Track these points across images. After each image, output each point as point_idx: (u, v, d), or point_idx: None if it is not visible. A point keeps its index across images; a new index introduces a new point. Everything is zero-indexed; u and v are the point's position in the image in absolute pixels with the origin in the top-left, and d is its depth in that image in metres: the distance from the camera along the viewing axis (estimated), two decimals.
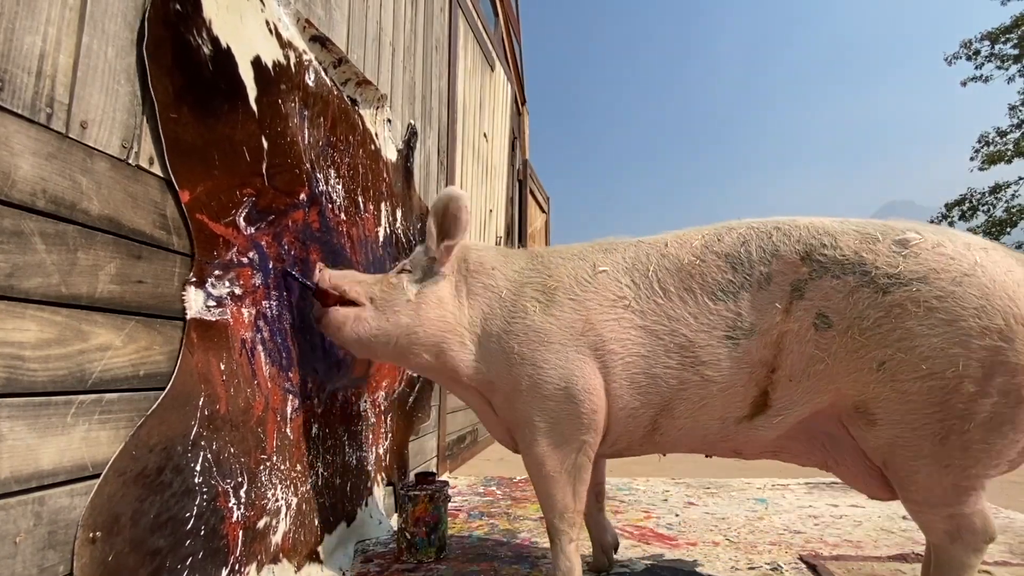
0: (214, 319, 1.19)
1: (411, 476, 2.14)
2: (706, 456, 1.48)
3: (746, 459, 1.46)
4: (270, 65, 1.41)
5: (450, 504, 2.35)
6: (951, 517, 1.17)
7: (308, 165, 1.59)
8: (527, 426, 1.39)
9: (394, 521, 2.08)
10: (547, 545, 1.57)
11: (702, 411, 1.33)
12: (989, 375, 1.10)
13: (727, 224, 1.40)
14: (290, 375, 1.48)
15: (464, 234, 1.48)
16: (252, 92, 1.33)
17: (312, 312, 1.53)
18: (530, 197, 6.90)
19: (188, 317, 1.11)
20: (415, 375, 2.49)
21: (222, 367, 1.20)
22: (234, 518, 1.22)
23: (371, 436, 1.99)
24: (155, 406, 1.02)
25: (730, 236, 1.35)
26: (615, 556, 1.71)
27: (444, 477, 3.05)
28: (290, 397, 1.48)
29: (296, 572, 1.44)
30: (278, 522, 1.39)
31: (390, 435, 2.19)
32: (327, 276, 1.48)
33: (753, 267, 1.29)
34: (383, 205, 2.16)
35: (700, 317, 1.31)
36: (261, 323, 1.36)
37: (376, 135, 2.12)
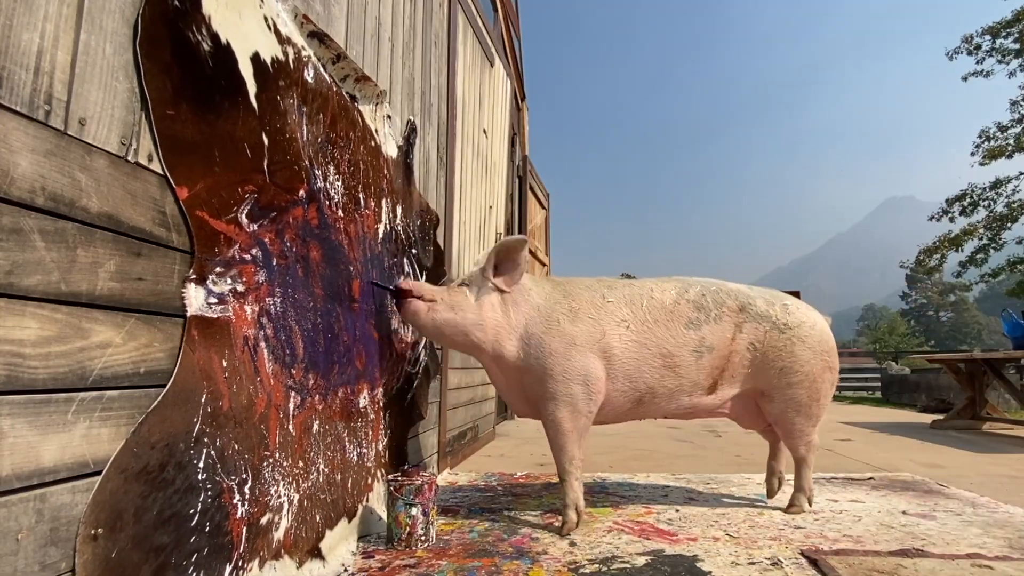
0: (216, 316, 1.19)
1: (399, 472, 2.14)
2: (663, 417, 2.25)
3: (691, 419, 2.32)
4: (269, 61, 1.41)
5: (451, 501, 2.36)
6: (808, 441, 2.24)
7: (307, 162, 1.59)
8: (553, 399, 2.00)
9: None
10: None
11: (677, 393, 2.13)
12: (824, 371, 2.19)
13: (684, 280, 2.23)
14: (292, 372, 1.48)
15: (520, 276, 2.05)
16: (252, 89, 1.32)
17: (397, 305, 2.05)
18: (530, 193, 6.89)
19: (188, 314, 1.11)
20: (413, 372, 2.49)
21: (224, 364, 1.20)
22: (238, 514, 1.22)
23: (371, 432, 1.99)
24: (156, 403, 1.02)
25: (693, 290, 2.18)
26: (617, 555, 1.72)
27: (445, 473, 3.06)
28: (292, 394, 1.48)
29: (298, 568, 1.45)
30: (280, 518, 1.39)
31: (390, 431, 2.19)
32: (408, 283, 2.04)
33: (710, 310, 2.14)
34: (383, 201, 2.15)
35: (677, 338, 2.09)
36: (264, 320, 1.36)
37: (376, 131, 2.11)
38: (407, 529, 1.80)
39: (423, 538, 1.81)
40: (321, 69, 1.70)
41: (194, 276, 1.13)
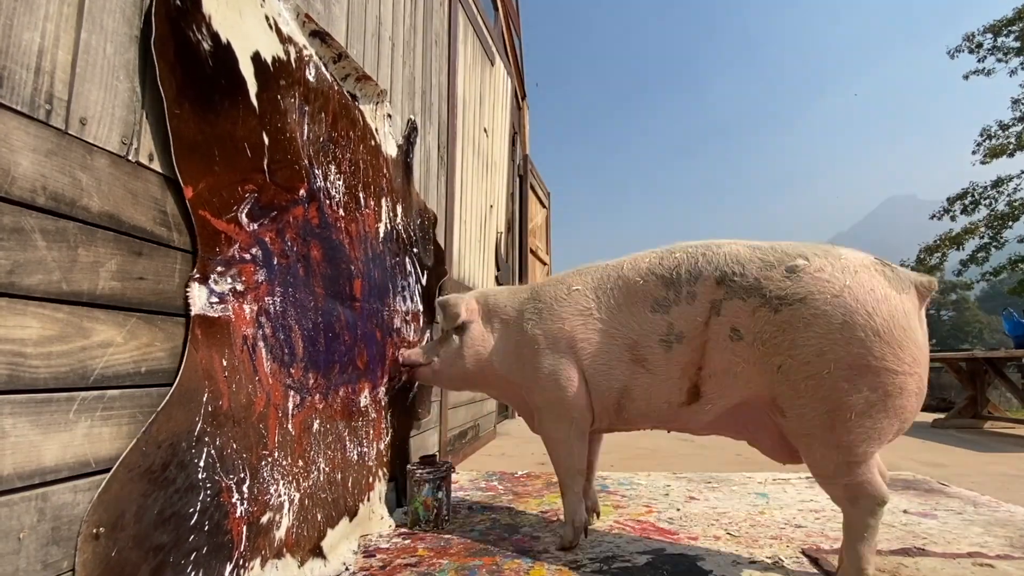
0: (217, 315, 1.19)
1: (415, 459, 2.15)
2: (667, 431, 1.86)
3: (695, 435, 1.84)
4: (270, 61, 1.41)
5: (452, 499, 2.36)
6: (847, 487, 1.43)
7: (307, 161, 1.59)
8: (538, 410, 1.88)
9: (396, 516, 2.12)
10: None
11: (651, 396, 1.69)
12: (857, 375, 1.36)
13: (670, 247, 1.72)
14: (291, 371, 1.48)
15: (458, 319, 2.01)
16: (252, 88, 1.32)
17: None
18: (531, 192, 6.89)
19: (192, 313, 1.11)
20: None
21: (224, 363, 1.21)
22: (238, 513, 1.22)
23: (372, 432, 2.00)
24: (164, 402, 1.03)
25: (669, 260, 1.67)
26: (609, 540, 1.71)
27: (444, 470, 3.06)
28: (291, 393, 1.48)
29: (299, 567, 1.45)
30: (281, 517, 1.39)
31: (391, 431, 2.19)
32: (405, 355, 2.14)
33: (682, 287, 1.61)
34: (383, 201, 2.15)
35: (643, 324, 1.66)
36: (263, 319, 1.37)
37: (376, 131, 2.11)
38: (434, 511, 1.99)
39: (447, 518, 2.04)
40: (322, 68, 1.70)
41: (198, 275, 1.13)
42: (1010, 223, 13.98)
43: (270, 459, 1.36)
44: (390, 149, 2.26)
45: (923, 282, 1.45)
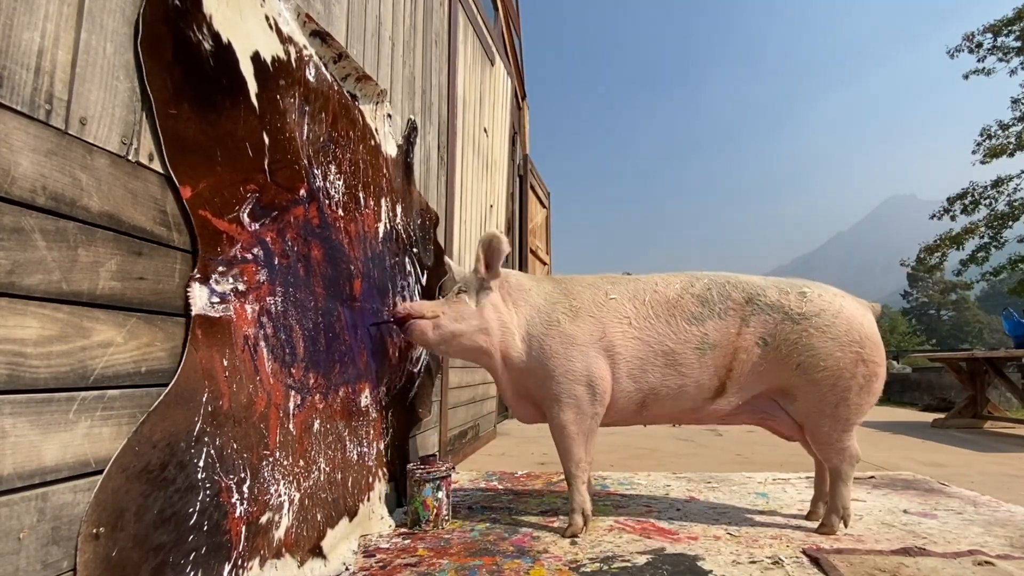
0: (218, 315, 1.19)
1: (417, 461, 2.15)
2: (672, 425, 2.24)
3: (702, 424, 2.16)
4: (270, 61, 1.41)
5: (452, 499, 2.37)
6: (840, 450, 1.96)
7: (307, 161, 1.59)
8: (557, 402, 1.97)
9: (396, 516, 2.12)
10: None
11: (679, 395, 2.00)
12: (855, 365, 1.91)
13: (693, 274, 2.10)
14: (292, 371, 1.48)
15: (499, 263, 2.04)
16: (253, 88, 1.32)
17: (403, 328, 2.03)
18: (531, 192, 6.89)
19: (193, 313, 1.11)
20: (415, 371, 2.50)
21: (225, 363, 1.21)
22: (237, 513, 1.22)
23: (372, 432, 2.00)
24: (158, 402, 1.03)
25: (700, 283, 2.05)
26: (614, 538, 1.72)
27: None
28: (292, 393, 1.48)
29: (299, 567, 1.45)
30: (281, 517, 1.39)
31: (391, 430, 2.19)
32: (406, 306, 2.03)
33: (715, 304, 2.00)
34: (383, 201, 2.15)
35: (679, 334, 1.98)
36: (264, 319, 1.37)
37: (376, 131, 2.11)
38: (434, 511, 1.99)
39: (447, 518, 2.05)
40: (322, 68, 1.70)
41: (198, 275, 1.13)
42: (1010, 223, 13.97)
43: (271, 459, 1.36)
44: (390, 149, 2.26)
45: (872, 306, 2.08)
